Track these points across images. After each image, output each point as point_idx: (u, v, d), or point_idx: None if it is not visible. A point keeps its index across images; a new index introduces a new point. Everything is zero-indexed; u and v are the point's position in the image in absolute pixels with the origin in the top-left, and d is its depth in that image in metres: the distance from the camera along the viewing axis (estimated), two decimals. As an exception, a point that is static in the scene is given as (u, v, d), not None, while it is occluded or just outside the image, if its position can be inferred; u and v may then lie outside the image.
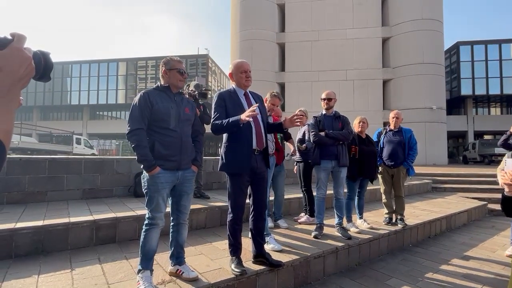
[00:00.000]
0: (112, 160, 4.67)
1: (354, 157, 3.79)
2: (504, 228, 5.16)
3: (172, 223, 2.33)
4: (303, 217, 4.24)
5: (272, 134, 3.37)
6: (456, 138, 30.65)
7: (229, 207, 2.52)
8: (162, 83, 2.26)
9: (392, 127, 4.24)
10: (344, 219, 3.78)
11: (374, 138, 4.35)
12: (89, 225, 3.03)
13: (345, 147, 3.59)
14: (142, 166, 2.08)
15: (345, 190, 3.94)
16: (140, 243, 2.15)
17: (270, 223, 3.71)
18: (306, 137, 4.06)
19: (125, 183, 4.68)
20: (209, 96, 4.46)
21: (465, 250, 4.01)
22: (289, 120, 2.50)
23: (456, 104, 28.94)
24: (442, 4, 20.65)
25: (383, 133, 4.31)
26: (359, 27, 20.92)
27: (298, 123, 2.62)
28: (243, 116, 2.18)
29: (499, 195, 6.27)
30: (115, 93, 35.06)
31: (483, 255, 3.82)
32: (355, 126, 3.98)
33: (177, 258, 2.33)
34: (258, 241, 2.62)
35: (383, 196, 4.35)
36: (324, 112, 3.68)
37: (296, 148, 4.19)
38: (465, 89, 27.18)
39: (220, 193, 5.13)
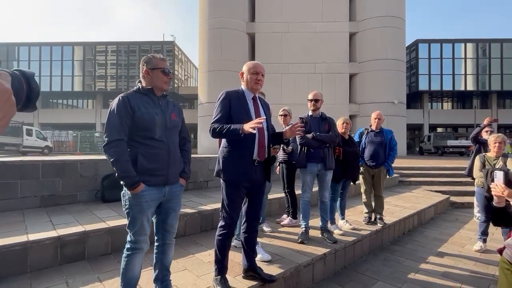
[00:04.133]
0: (75, 162, 4.17)
1: (338, 159, 3.75)
2: (467, 221, 5.54)
3: (156, 244, 2.07)
4: (286, 219, 4.15)
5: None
6: (413, 131, 32.78)
7: (221, 220, 2.31)
8: (144, 84, 1.95)
9: (374, 127, 4.26)
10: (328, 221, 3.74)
11: (356, 138, 4.35)
12: (52, 243, 2.63)
13: (331, 150, 3.52)
14: (123, 183, 1.79)
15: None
16: (121, 270, 1.88)
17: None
18: (291, 138, 3.93)
19: (90, 187, 4.22)
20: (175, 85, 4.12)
21: (438, 246, 4.20)
22: (289, 130, 2.34)
23: (414, 98, 30.82)
24: (404, 3, 21.58)
25: (365, 134, 4.32)
26: (327, 21, 21.19)
27: (299, 133, 2.51)
28: (247, 127, 1.96)
29: (460, 188, 6.70)
30: (70, 79, 32.32)
31: (454, 250, 4.03)
32: (339, 127, 3.92)
33: (163, 282, 2.08)
34: (250, 255, 2.46)
35: (363, 196, 4.39)
36: (310, 113, 3.56)
37: (281, 149, 4.05)
38: (423, 85, 29.05)
39: (197, 194, 4.86)
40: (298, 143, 3.49)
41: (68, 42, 32.60)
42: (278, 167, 4.28)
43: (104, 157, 2.07)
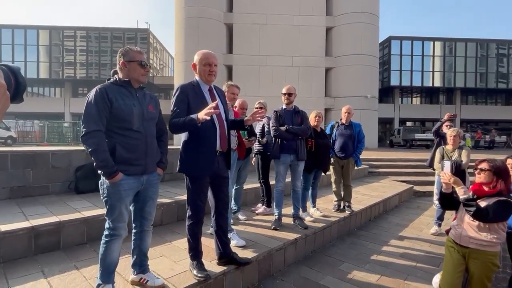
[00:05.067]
0: (47, 153, 4.08)
1: (310, 150, 3.95)
2: (427, 208, 6.02)
3: (134, 230, 2.15)
4: (261, 208, 4.33)
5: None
6: (384, 124, 34.16)
7: (189, 210, 2.40)
8: (121, 76, 2.00)
9: (344, 121, 4.50)
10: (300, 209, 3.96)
11: (327, 131, 4.58)
12: (26, 233, 2.63)
13: (303, 142, 3.71)
14: (101, 173, 1.85)
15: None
16: (100, 256, 1.95)
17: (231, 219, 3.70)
18: (266, 130, 4.08)
19: (63, 178, 4.15)
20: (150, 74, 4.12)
21: (399, 230, 4.58)
22: (251, 116, 2.46)
23: (386, 93, 32.04)
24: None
25: (336, 127, 4.56)
26: (305, 14, 21.38)
27: (259, 119, 2.60)
28: (201, 115, 2.02)
29: (422, 178, 7.22)
30: (35, 66, 30.35)
31: (413, 234, 4.41)
32: (312, 120, 4.12)
33: (141, 266, 2.18)
34: (224, 241, 2.58)
35: (333, 185, 4.66)
36: (284, 106, 3.71)
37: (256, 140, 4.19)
38: (394, 80, 30.25)
39: (174, 185, 4.92)
40: (272, 135, 3.65)
41: (32, 25, 30.47)
42: (254, 158, 4.43)
43: (77, 147, 2.09)
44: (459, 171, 3.98)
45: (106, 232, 1.95)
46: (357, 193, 5.87)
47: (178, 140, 19.95)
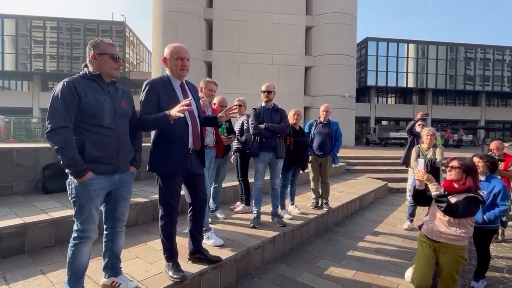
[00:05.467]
0: (11, 150, 3.81)
1: (289, 148, 3.96)
2: (400, 204, 6.25)
3: (106, 232, 2.05)
4: (239, 206, 4.30)
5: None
6: (361, 123, 35.11)
7: (161, 210, 2.31)
8: (91, 69, 1.88)
9: (322, 119, 4.55)
10: (279, 207, 3.97)
11: (306, 129, 4.62)
12: (-15, 237, 2.44)
13: (282, 140, 3.71)
14: (69, 172, 1.74)
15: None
16: (68, 259, 1.84)
17: (209, 218, 3.64)
18: (245, 128, 4.05)
19: (29, 177, 3.90)
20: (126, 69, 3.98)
21: (374, 226, 4.72)
22: (224, 113, 2.43)
23: (362, 93, 32.93)
24: (356, 1, 22.74)
25: (314, 125, 4.60)
26: (285, 13, 21.48)
27: (234, 116, 2.57)
28: (174, 112, 1.94)
29: (396, 175, 7.48)
30: (0, 57, 28.49)
31: (387, 229, 4.56)
32: (290, 118, 4.13)
33: (113, 269, 2.08)
34: (197, 239, 2.52)
35: (312, 183, 4.71)
36: (263, 104, 3.69)
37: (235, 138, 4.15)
38: (370, 80, 31.17)
39: (149, 183, 4.77)
40: (251, 133, 3.62)
41: (-3, 14, 28.52)
42: (233, 156, 4.38)
43: (44, 145, 1.96)
44: (434, 169, 4.15)
45: (74, 235, 1.84)
46: (335, 190, 5.98)
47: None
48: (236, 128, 4.14)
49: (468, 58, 32.53)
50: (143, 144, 2.28)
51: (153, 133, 2.32)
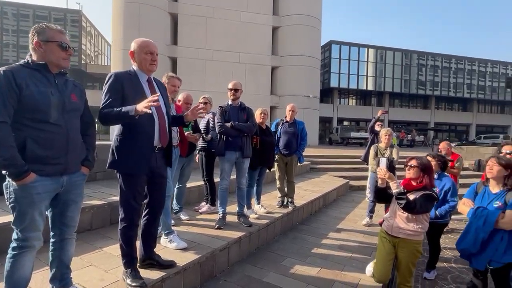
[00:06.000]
0: None
1: (256, 147, 3.93)
2: (361, 201, 6.53)
3: (53, 240, 1.84)
4: (204, 206, 4.18)
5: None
6: (324, 123, 36.37)
7: (121, 212, 2.17)
8: (35, 58, 1.67)
9: (288, 119, 4.59)
10: (245, 206, 3.93)
11: (272, 129, 4.62)
12: None
13: (249, 139, 3.67)
14: (6, 173, 1.52)
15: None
16: (6, 272, 1.62)
17: (172, 220, 3.48)
18: (210, 126, 3.94)
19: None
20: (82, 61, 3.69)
21: (337, 223, 4.86)
22: (190, 112, 2.36)
23: (326, 94, 34.16)
24: (321, 4, 23.47)
25: (280, 124, 4.62)
26: (252, 12, 21.51)
27: (201, 115, 2.50)
28: (140, 107, 1.82)
29: (357, 173, 7.83)
30: None
31: (349, 226, 4.73)
32: (257, 117, 4.09)
33: (61, 280, 1.88)
34: (149, 244, 2.39)
35: (278, 182, 4.73)
36: (230, 102, 3.62)
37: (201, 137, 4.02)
38: (333, 82, 32.45)
39: (108, 184, 4.47)
40: (217, 132, 3.53)
41: None
42: (198, 155, 4.25)
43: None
44: (390, 168, 4.37)
45: (13, 244, 1.63)
46: (300, 189, 6.09)
47: (116, 135, 18.42)
48: (202, 126, 4.01)
49: (420, 64, 35.23)
50: (102, 142, 2.10)
51: (114, 129, 2.16)
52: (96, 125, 2.35)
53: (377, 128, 6.18)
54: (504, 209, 2.27)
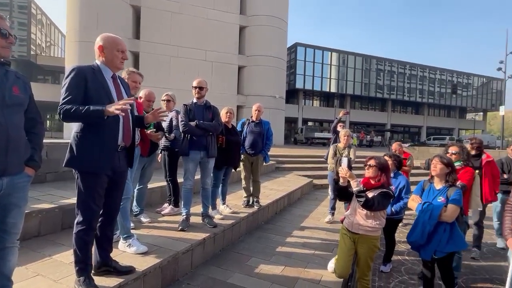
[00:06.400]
0: None
1: (221, 147, 3.87)
2: (323, 199, 6.76)
3: (-9, 249, 1.64)
4: (167, 208, 4.03)
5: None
6: (290, 123, 37.21)
7: (79, 215, 2.02)
8: (-33, 45, 1.48)
9: (254, 118, 4.59)
10: (209, 207, 3.85)
11: (238, 128, 4.59)
12: None
13: (214, 138, 3.60)
14: None
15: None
16: None
17: (131, 223, 3.30)
18: (174, 124, 3.81)
19: None
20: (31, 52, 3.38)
21: (301, 221, 4.97)
22: (151, 114, 2.30)
23: (291, 94, 34.94)
24: (288, 6, 23.93)
25: (246, 124, 4.61)
26: (219, 10, 21.31)
27: (162, 119, 2.44)
28: (112, 109, 1.76)
29: (320, 172, 8.08)
30: None
31: (312, 224, 4.86)
32: (223, 116, 4.04)
33: (1, 294, 1.69)
34: (106, 249, 2.26)
35: (243, 181, 4.71)
36: (195, 100, 3.52)
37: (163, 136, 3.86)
38: (299, 83, 33.32)
39: (59, 186, 4.11)
40: (181, 131, 3.42)
41: None
42: (160, 155, 4.09)
43: None
44: (348, 167, 4.56)
45: None
46: (265, 188, 6.13)
47: (70, 132, 17.14)
48: (165, 124, 3.85)
49: (378, 69, 37.50)
50: (55, 141, 1.93)
51: (71, 125, 2.02)
52: (49, 121, 2.17)
53: (339, 128, 6.43)
54: (447, 203, 2.46)
